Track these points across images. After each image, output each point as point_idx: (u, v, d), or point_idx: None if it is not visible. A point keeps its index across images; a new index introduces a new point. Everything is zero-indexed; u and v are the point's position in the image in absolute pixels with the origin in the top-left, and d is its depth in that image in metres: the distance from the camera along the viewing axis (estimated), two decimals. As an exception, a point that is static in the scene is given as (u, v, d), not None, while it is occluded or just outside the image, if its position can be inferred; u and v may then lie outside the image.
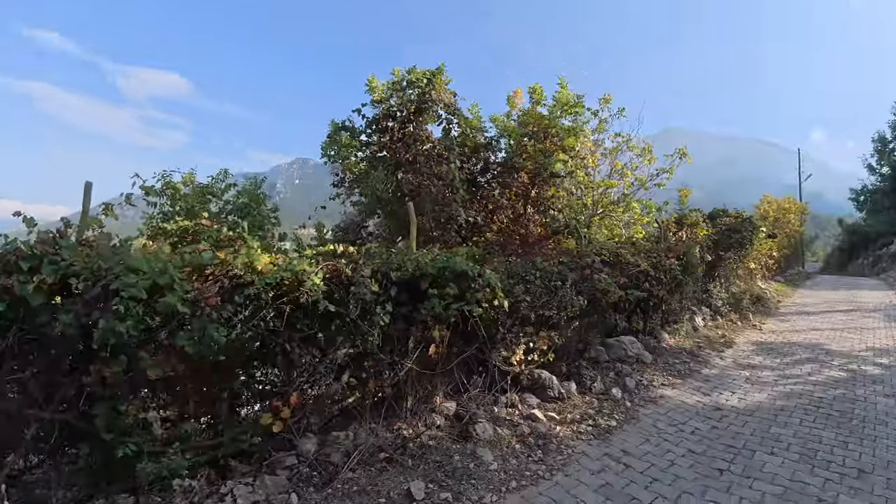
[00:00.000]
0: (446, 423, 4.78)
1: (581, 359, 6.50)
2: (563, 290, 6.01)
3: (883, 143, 35.28)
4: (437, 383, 5.10)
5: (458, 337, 5.05)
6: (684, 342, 8.05)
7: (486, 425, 4.65)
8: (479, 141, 9.75)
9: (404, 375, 4.67)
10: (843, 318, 10.89)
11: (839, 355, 7.49)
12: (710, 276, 10.11)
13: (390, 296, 4.34)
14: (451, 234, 8.11)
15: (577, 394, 5.71)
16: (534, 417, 5.01)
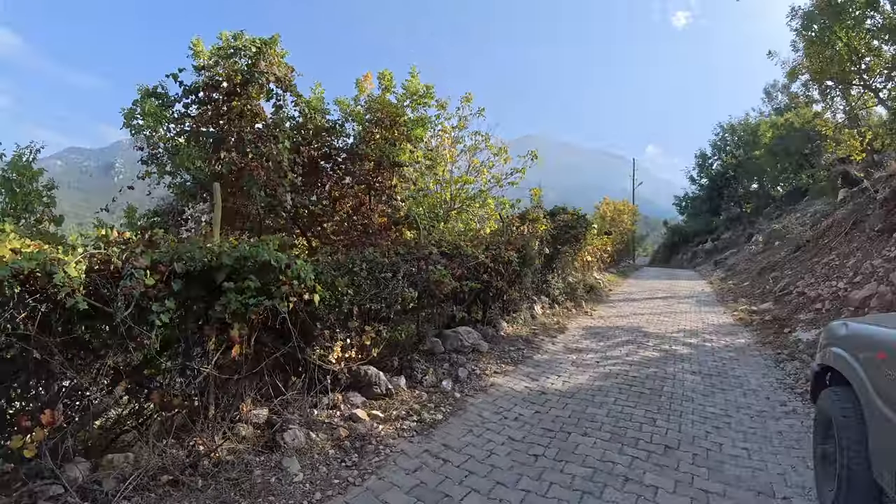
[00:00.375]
0: (255, 432, 4.15)
1: (415, 352, 6.21)
2: (393, 283, 5.65)
3: (703, 158, 41.67)
4: (244, 389, 4.41)
5: (271, 335, 4.42)
6: (522, 330, 8.23)
7: (297, 432, 4.08)
8: (320, 123, 9.07)
9: (202, 382, 3.92)
10: (661, 303, 12.20)
11: (655, 337, 8.21)
12: (549, 267, 10.62)
13: (172, 290, 3.56)
14: (281, 223, 7.36)
15: (406, 388, 5.38)
16: (355, 418, 4.56)
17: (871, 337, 2.81)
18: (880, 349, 2.57)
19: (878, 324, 2.97)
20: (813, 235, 13.12)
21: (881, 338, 2.69)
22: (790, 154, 30.82)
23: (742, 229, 28.85)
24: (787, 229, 17.92)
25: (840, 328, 3.23)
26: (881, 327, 2.83)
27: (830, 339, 3.30)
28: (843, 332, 3.13)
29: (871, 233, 9.48)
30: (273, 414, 4.36)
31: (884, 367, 2.48)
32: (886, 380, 2.44)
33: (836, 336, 3.22)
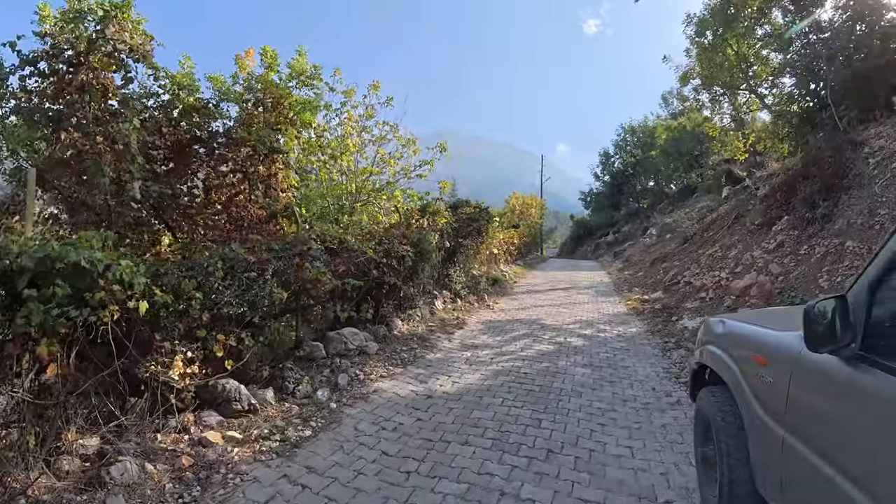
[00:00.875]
0: (82, 465, 3.31)
1: (290, 359, 5.51)
2: (259, 283, 4.93)
3: (607, 157, 43.86)
4: (68, 414, 3.54)
5: (100, 350, 3.57)
6: (418, 327, 7.77)
7: (129, 464, 3.28)
8: (191, 102, 7.96)
9: (10, 410, 3.07)
10: (562, 294, 12.33)
11: (551, 329, 8.09)
12: (451, 261, 10.27)
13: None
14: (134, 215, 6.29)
15: (274, 402, 4.69)
16: (206, 442, 3.81)
17: (749, 338, 2.55)
18: (760, 352, 2.31)
19: (755, 322, 2.73)
20: (699, 229, 13.95)
21: (760, 339, 2.42)
22: (682, 154, 33.23)
23: (639, 223, 30.67)
24: (677, 223, 19.12)
25: (717, 325, 3.00)
26: (759, 326, 2.57)
27: (708, 336, 3.08)
28: (720, 329, 2.90)
29: (752, 226, 10.10)
30: (105, 443, 3.54)
31: (763, 372, 2.23)
32: (766, 385, 2.19)
33: (713, 333, 2.99)
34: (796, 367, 1.99)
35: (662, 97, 43.79)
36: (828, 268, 6.82)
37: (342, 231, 7.19)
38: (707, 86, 14.03)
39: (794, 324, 2.42)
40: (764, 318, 2.91)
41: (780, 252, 8.23)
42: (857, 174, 8.05)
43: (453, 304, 9.95)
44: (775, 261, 8.04)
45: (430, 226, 9.49)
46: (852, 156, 8.47)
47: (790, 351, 2.05)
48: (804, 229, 8.28)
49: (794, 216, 8.82)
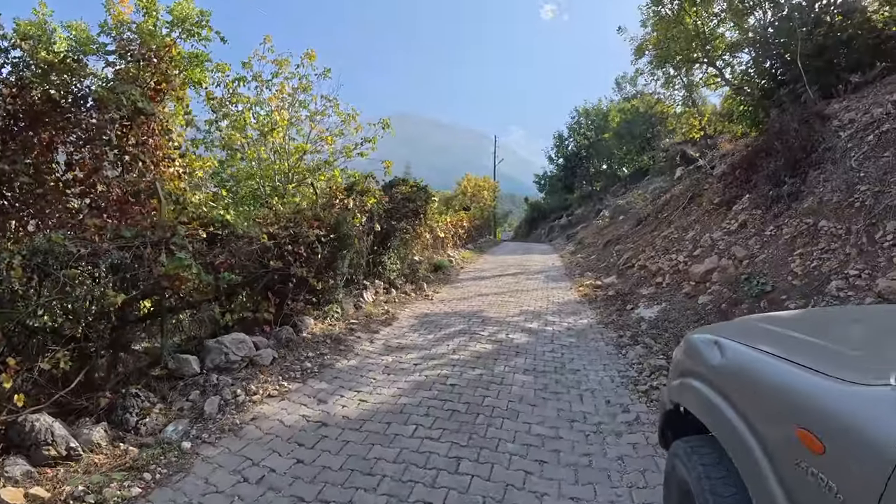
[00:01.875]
0: None
1: (143, 380, 4.19)
2: (88, 284, 3.60)
3: (561, 139, 43.23)
4: None
5: None
6: (335, 326, 6.53)
7: None
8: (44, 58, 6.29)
9: None
10: (510, 280, 11.33)
11: (493, 323, 7.03)
12: (384, 247, 9.03)
13: None
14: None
15: (107, 443, 3.39)
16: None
17: (784, 389, 1.38)
18: (811, 424, 1.20)
19: (790, 351, 1.52)
20: (653, 210, 13.26)
21: (810, 397, 1.27)
22: (634, 137, 33.00)
23: (592, 205, 30.26)
24: (631, 204, 18.54)
25: (708, 349, 1.87)
26: (802, 367, 1.37)
27: (692, 366, 1.98)
28: (715, 358, 1.78)
29: (710, 206, 9.36)
30: None
31: (814, 463, 1.14)
32: (818, 488, 1.11)
33: (702, 362, 1.88)
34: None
35: (616, 81, 43.61)
36: (800, 251, 6.02)
37: (224, 213, 5.82)
38: (662, 59, 13.23)
39: (877, 361, 1.35)
40: (806, 348, 1.61)
41: (744, 233, 7.45)
42: (827, 148, 7.33)
43: (387, 295, 8.75)
44: (738, 243, 7.25)
45: (356, 206, 8.22)
46: (821, 129, 7.75)
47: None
48: (768, 208, 7.52)
49: (757, 194, 8.07)
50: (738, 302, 5.95)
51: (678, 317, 6.54)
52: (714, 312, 6.11)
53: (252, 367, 4.88)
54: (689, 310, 6.60)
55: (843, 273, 5.22)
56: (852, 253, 5.40)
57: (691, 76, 16.78)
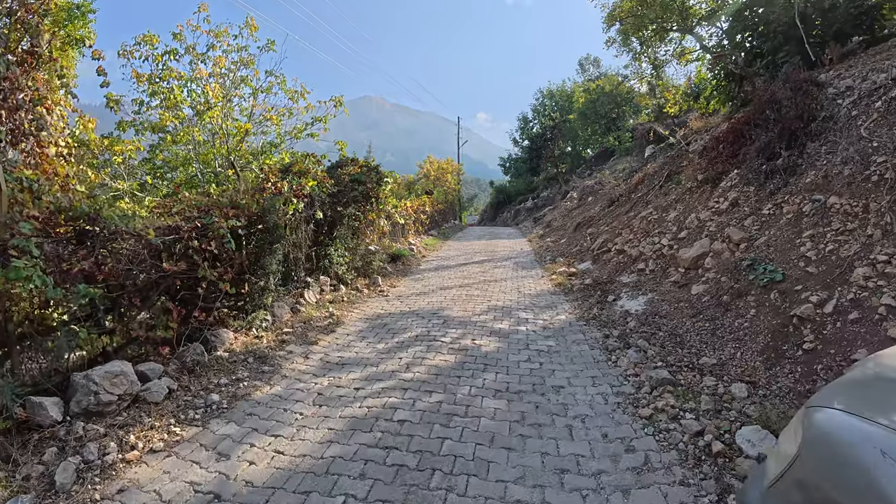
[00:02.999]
0: None
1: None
2: None
3: (525, 121, 42.29)
4: None
5: None
6: (263, 338, 5.33)
7: None
8: None
9: None
10: (476, 269, 10.29)
11: (457, 324, 5.95)
12: (329, 236, 7.80)
13: None
14: None
15: None
16: None
17: None
18: None
19: None
20: (626, 190, 12.43)
21: None
22: (600, 117, 32.41)
23: (558, 187, 29.52)
24: (601, 185, 17.76)
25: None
26: None
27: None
28: None
29: (691, 184, 8.50)
30: None
31: None
32: None
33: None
34: None
35: (579, 63, 43.14)
36: (809, 232, 5.16)
37: (92, 201, 4.53)
38: (636, 27, 12.28)
39: None
40: None
41: (737, 213, 6.59)
42: (829, 117, 6.51)
43: (334, 293, 7.56)
44: (732, 224, 6.38)
45: (293, 191, 6.97)
46: (819, 95, 6.93)
47: None
48: (762, 185, 6.69)
49: (747, 169, 7.24)
50: (743, 293, 5.06)
51: (670, 310, 5.63)
52: (714, 305, 5.21)
53: (137, 406, 3.68)
54: (681, 301, 5.70)
55: (868, 258, 4.37)
56: (875, 234, 4.55)
57: (657, 52, 16.04)
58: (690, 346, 4.67)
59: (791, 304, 4.51)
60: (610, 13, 12.84)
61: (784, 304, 4.57)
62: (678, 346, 4.70)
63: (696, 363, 4.29)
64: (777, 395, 3.75)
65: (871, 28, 9.43)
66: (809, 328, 4.18)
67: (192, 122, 10.25)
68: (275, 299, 6.16)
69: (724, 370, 4.16)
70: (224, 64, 10.12)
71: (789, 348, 4.16)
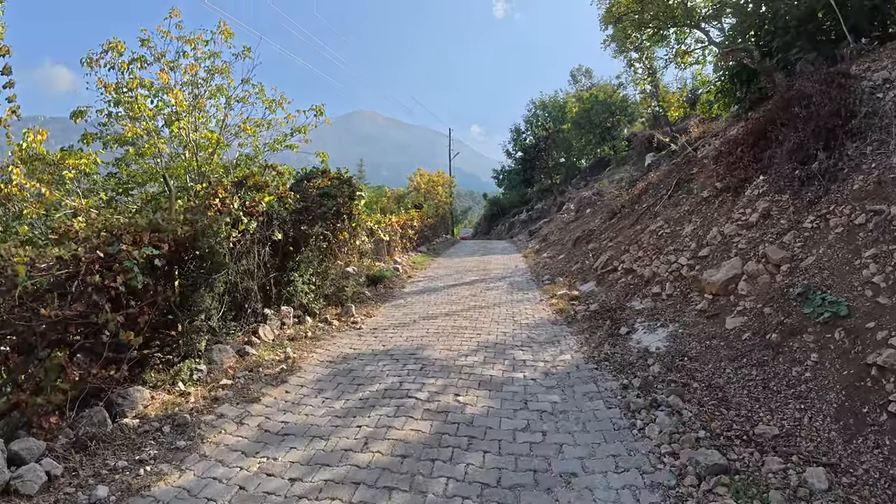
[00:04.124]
0: None
1: None
2: None
3: (518, 132, 41.46)
4: None
5: None
6: (192, 395, 4.22)
7: None
8: None
9: None
10: (466, 292, 9.18)
11: (437, 371, 4.81)
12: (292, 260, 6.70)
13: None
14: None
15: None
16: None
17: None
18: None
19: None
20: (628, 200, 11.43)
21: None
22: (594, 126, 31.58)
23: (553, 199, 28.61)
24: (600, 195, 16.77)
25: None
26: None
27: None
28: None
29: (707, 193, 7.48)
30: None
31: None
32: None
33: None
34: None
35: (571, 74, 42.50)
36: (872, 251, 4.12)
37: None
38: (634, 24, 11.37)
39: None
40: None
41: (771, 227, 5.56)
42: (871, 112, 5.53)
43: (298, 327, 6.45)
44: (768, 240, 5.35)
45: (246, 208, 5.92)
46: (856, 88, 5.97)
47: None
48: (797, 193, 5.67)
49: (776, 175, 6.23)
50: (796, 330, 3.99)
51: (701, 349, 4.55)
52: (759, 346, 4.14)
53: (5, 501, 2.58)
54: (714, 338, 4.62)
55: (967, 286, 3.32)
56: (969, 253, 3.52)
57: (656, 53, 15.22)
58: (738, 405, 3.58)
59: (864, 347, 3.45)
60: (608, 10, 11.94)
61: (855, 348, 3.51)
62: (722, 405, 3.61)
63: (752, 433, 3.21)
64: (866, 482, 2.68)
65: (883, 24, 8.69)
66: (894, 382, 3.12)
67: (162, 133, 9.36)
68: (213, 341, 5.05)
69: (790, 444, 3.08)
70: (195, 72, 9.29)
71: (870, 410, 3.10)
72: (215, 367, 4.95)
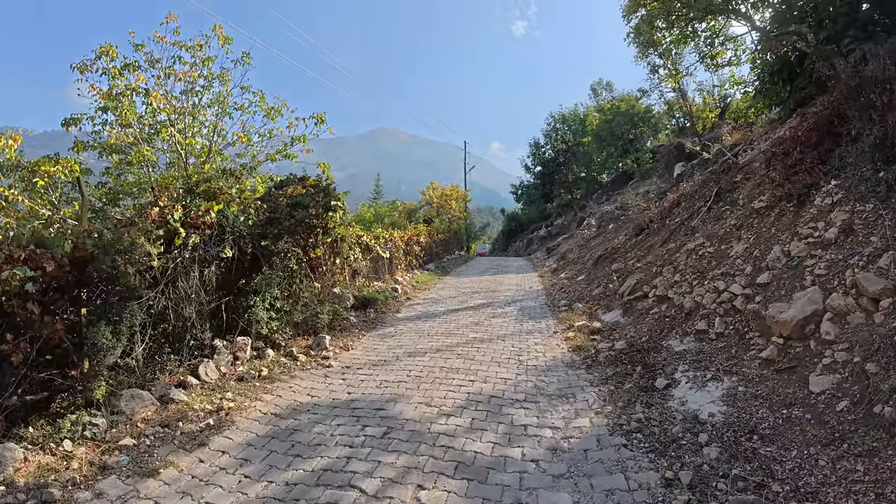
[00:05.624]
0: None
1: None
2: None
3: (537, 146, 40.39)
4: None
5: None
6: (74, 459, 3.08)
7: None
8: None
9: None
10: (469, 320, 7.90)
11: (403, 442, 3.50)
12: (250, 281, 5.54)
13: None
14: None
15: None
16: None
17: None
18: None
19: None
20: (658, 214, 10.04)
21: None
22: (616, 138, 30.18)
23: (573, 214, 27.16)
24: (622, 209, 15.34)
25: None
26: None
27: None
28: None
29: (761, 204, 6.11)
30: None
31: None
32: None
33: None
34: None
35: (591, 88, 41.32)
36: None
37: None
38: (662, 12, 10.06)
39: None
40: None
41: (858, 246, 4.19)
42: None
43: (253, 363, 5.28)
44: (857, 264, 3.98)
45: (191, 219, 4.82)
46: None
47: None
48: (885, 200, 4.32)
49: (854, 178, 4.87)
50: (935, 405, 2.63)
51: (776, 423, 3.19)
52: (865, 425, 2.78)
53: None
54: (793, 405, 3.27)
55: None
56: None
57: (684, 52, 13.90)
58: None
59: None
60: (629, 3, 10.68)
61: None
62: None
63: None
64: None
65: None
66: None
67: (152, 140, 8.72)
68: (132, 384, 3.91)
69: None
70: (188, 78, 8.69)
71: None
72: (122, 419, 3.82)
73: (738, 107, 16.70)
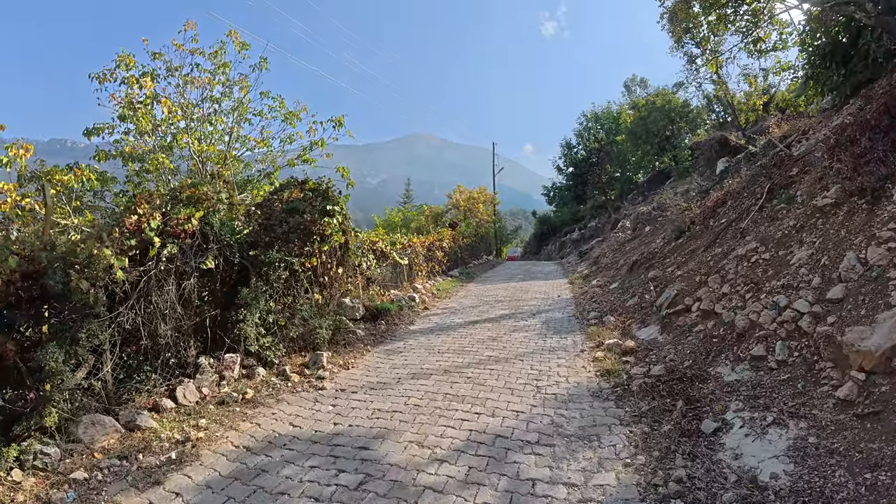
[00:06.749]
0: None
1: None
2: None
3: (569, 147, 39.24)
4: None
5: None
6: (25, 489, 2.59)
7: None
8: None
9: None
10: (486, 334, 7.19)
11: (379, 497, 2.88)
12: (236, 296, 5.02)
13: None
14: None
15: None
16: None
17: None
18: None
19: None
20: (700, 215, 9.09)
21: None
22: (652, 135, 28.78)
23: (607, 216, 26.02)
24: (661, 209, 14.28)
25: None
26: None
27: None
28: None
29: (825, 201, 5.20)
30: None
31: None
32: None
33: None
34: None
35: (625, 85, 39.92)
36: None
37: None
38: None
39: None
40: None
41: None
42: None
43: (245, 380, 4.77)
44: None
45: (171, 227, 4.35)
46: None
47: None
48: None
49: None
50: None
51: (857, 491, 2.40)
52: None
53: None
54: (882, 466, 2.46)
55: None
56: None
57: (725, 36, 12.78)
58: None
59: None
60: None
61: None
62: None
63: None
64: None
65: None
66: None
67: (170, 148, 8.61)
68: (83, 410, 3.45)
69: None
70: (213, 87, 8.58)
71: None
72: (79, 447, 3.38)
73: (783, 97, 15.38)
